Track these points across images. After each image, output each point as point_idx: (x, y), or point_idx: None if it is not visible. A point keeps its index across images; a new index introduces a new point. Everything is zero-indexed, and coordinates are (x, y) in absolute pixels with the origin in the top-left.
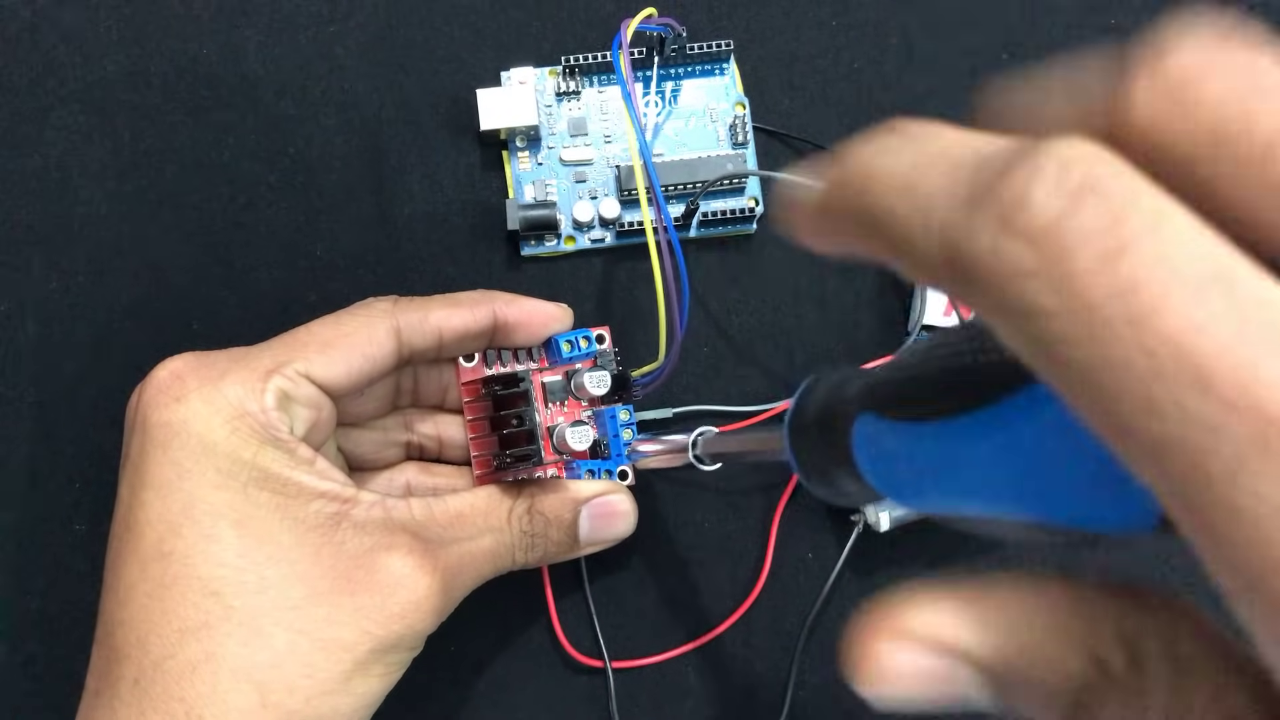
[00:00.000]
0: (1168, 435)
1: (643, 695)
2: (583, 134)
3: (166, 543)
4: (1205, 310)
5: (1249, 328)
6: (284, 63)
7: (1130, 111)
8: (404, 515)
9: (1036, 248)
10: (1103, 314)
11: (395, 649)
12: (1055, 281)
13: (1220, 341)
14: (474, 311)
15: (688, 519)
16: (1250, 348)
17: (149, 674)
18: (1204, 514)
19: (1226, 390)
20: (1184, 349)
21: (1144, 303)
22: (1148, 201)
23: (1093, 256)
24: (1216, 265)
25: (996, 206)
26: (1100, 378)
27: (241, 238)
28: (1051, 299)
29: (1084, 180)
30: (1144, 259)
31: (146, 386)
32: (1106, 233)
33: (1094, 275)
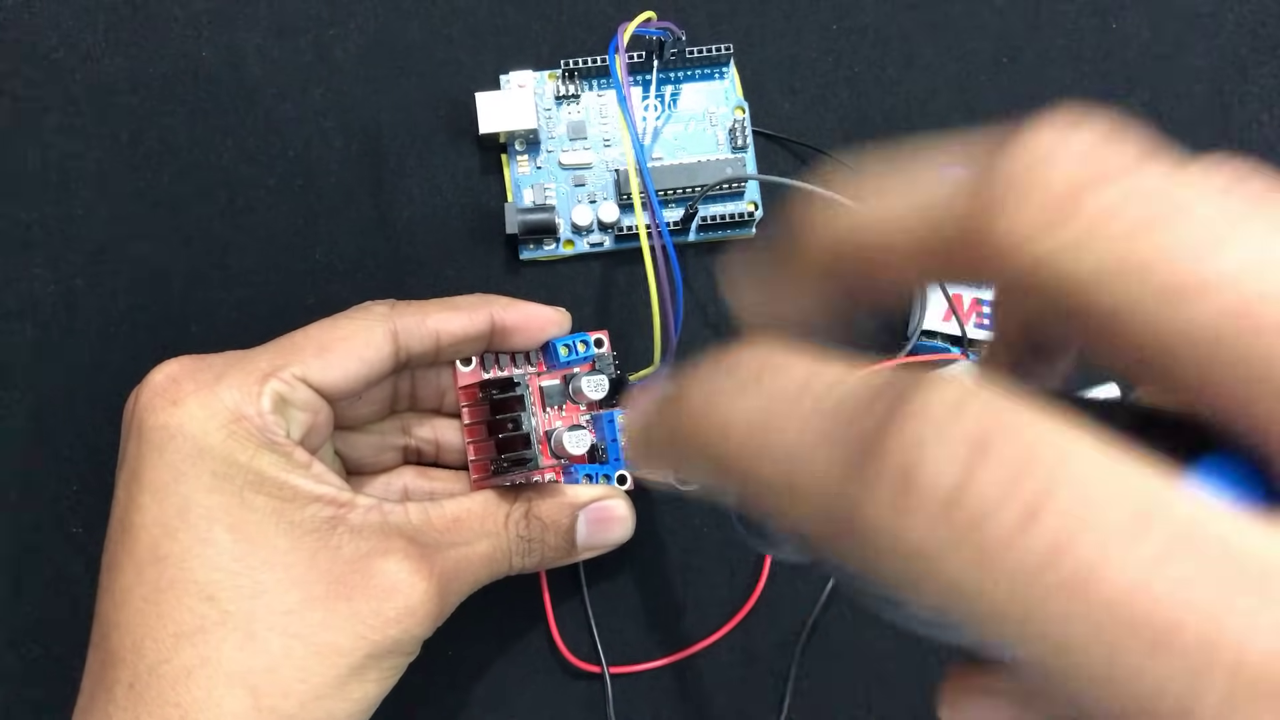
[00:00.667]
0: (1141, 695)
1: (640, 701)
2: (582, 138)
3: (162, 546)
4: (1142, 559)
5: (1192, 569)
6: (283, 65)
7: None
8: (400, 520)
9: (943, 524)
10: (1034, 589)
11: (391, 654)
12: (974, 560)
13: (1169, 592)
14: (472, 315)
15: (686, 523)
16: (1201, 591)
17: (144, 678)
18: None
19: (1189, 652)
20: (1135, 609)
21: (1075, 567)
22: (1047, 442)
23: (1007, 525)
24: (1136, 497)
25: (887, 478)
26: (1053, 659)
27: (240, 240)
28: (975, 578)
29: (973, 435)
30: (1062, 517)
31: (143, 390)
32: (1014, 494)
33: (1014, 546)
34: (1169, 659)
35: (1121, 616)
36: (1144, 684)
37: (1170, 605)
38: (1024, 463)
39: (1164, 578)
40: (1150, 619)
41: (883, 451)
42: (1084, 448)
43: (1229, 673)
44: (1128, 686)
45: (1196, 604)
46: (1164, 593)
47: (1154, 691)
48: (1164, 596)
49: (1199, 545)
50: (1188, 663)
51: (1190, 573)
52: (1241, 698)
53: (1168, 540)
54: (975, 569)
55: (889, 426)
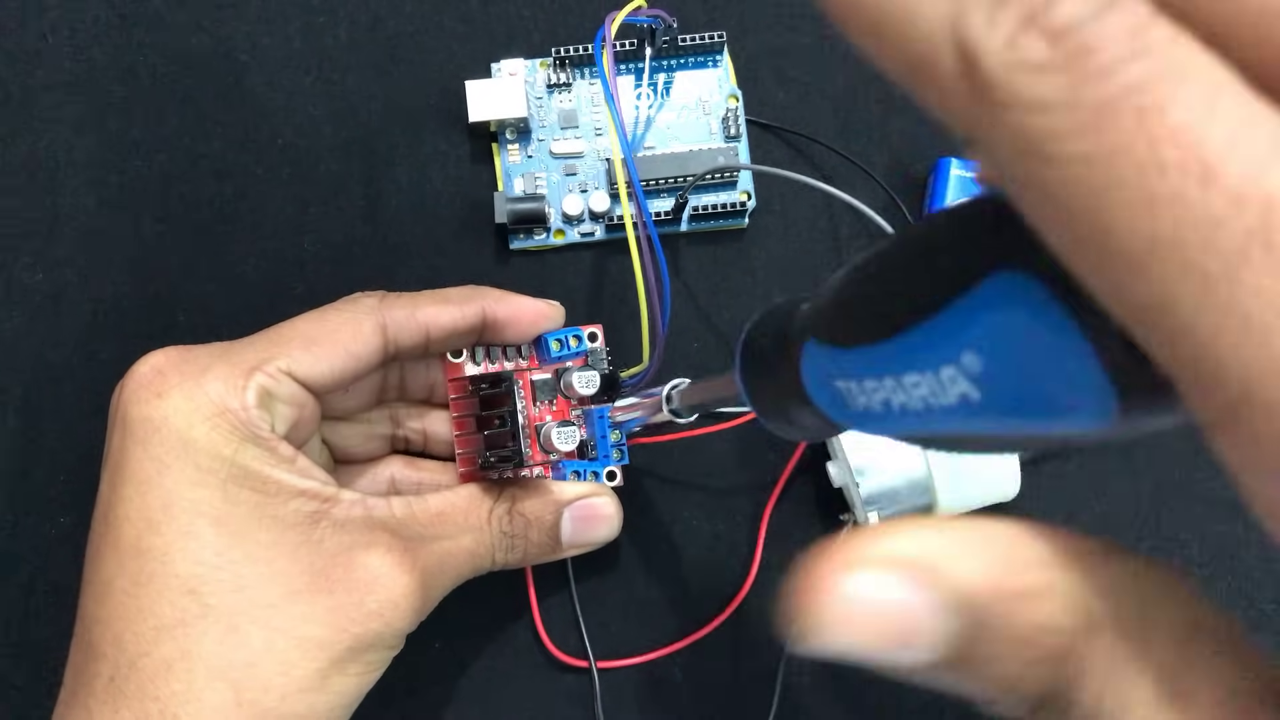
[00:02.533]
0: (1162, 233)
1: (628, 695)
2: (573, 126)
3: (144, 539)
4: (1214, 110)
5: (1256, 130)
6: (273, 53)
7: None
8: (384, 514)
9: (1056, 45)
10: (1111, 106)
11: (373, 647)
12: (1069, 77)
13: (1227, 136)
14: (463, 309)
15: (676, 517)
16: (1256, 144)
17: (124, 672)
18: (1189, 320)
19: (1233, 182)
20: (1191, 140)
21: (1157, 97)
22: (1165, 22)
23: (1110, 56)
24: (1230, 83)
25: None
26: (1096, 174)
27: (229, 230)
28: (1061, 93)
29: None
30: (1161, 63)
31: (128, 381)
32: (1129, 37)
33: (1112, 71)
34: (1209, 192)
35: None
36: (1180, 213)
37: (1226, 147)
38: (1145, 24)
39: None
40: (1202, 149)
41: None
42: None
43: (1259, 216)
44: (1160, 208)
45: (1252, 156)
46: (1224, 137)
47: (1185, 215)
48: (1223, 140)
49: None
50: (1225, 199)
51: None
52: (1261, 243)
53: (1242, 110)
54: (1072, 83)
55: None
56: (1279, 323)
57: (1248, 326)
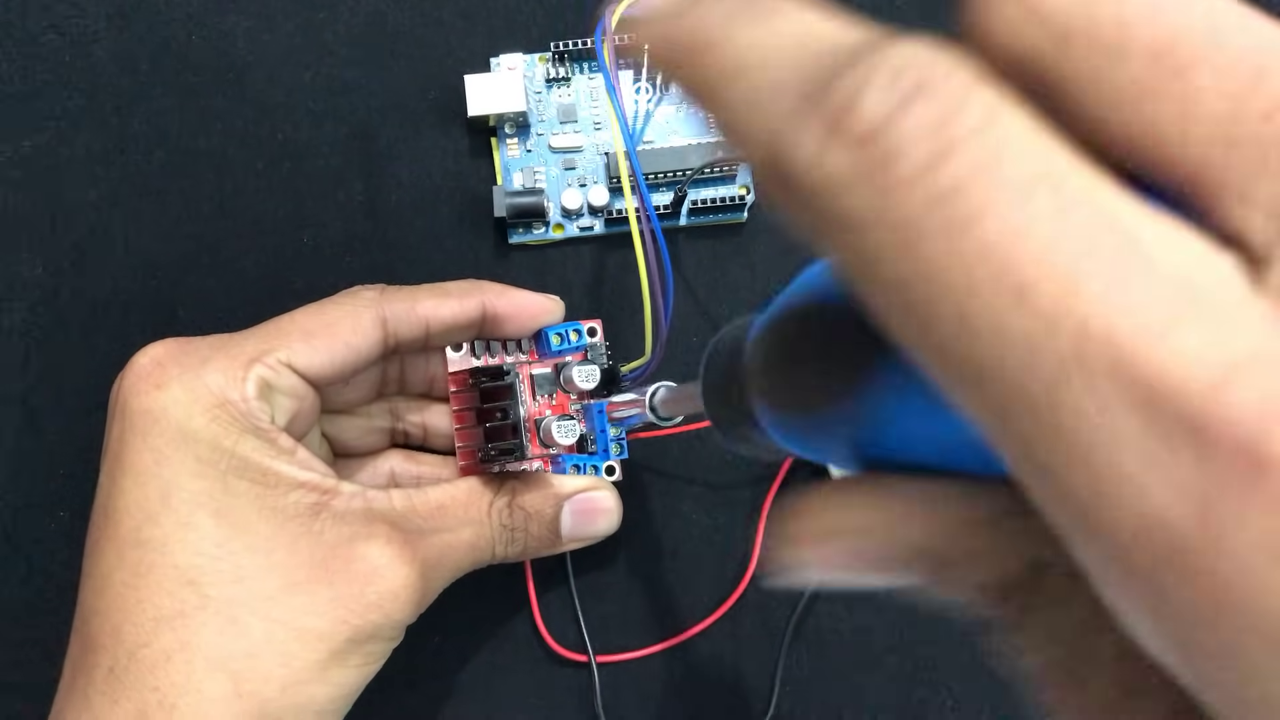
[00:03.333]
0: (984, 355)
1: (628, 689)
2: (572, 121)
3: (144, 530)
4: (1026, 215)
5: (1071, 234)
6: (273, 49)
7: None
8: (384, 506)
9: (859, 154)
10: (920, 224)
11: (373, 639)
12: (874, 191)
13: (1039, 248)
14: (462, 302)
15: (675, 511)
16: (1071, 256)
17: (123, 663)
18: (1025, 443)
19: (1044, 302)
20: (1000, 257)
21: (963, 209)
22: (980, 99)
23: (915, 163)
24: (1046, 166)
25: (825, 108)
26: (915, 295)
27: (228, 224)
28: (869, 210)
29: (917, 81)
30: (967, 162)
31: (128, 373)
32: (932, 136)
33: (914, 182)
34: (1022, 314)
35: (990, 261)
36: (995, 336)
37: (1037, 260)
38: (952, 111)
39: (1041, 236)
40: (1014, 266)
41: (829, 95)
42: (1016, 113)
43: (1073, 339)
44: (978, 331)
45: (1063, 268)
46: (1036, 249)
47: (1001, 338)
48: (1034, 252)
49: (1087, 218)
50: (1038, 321)
51: (1069, 242)
52: (1076, 366)
53: (1057, 207)
54: (873, 204)
55: (841, 74)
56: (1103, 451)
57: (1070, 450)
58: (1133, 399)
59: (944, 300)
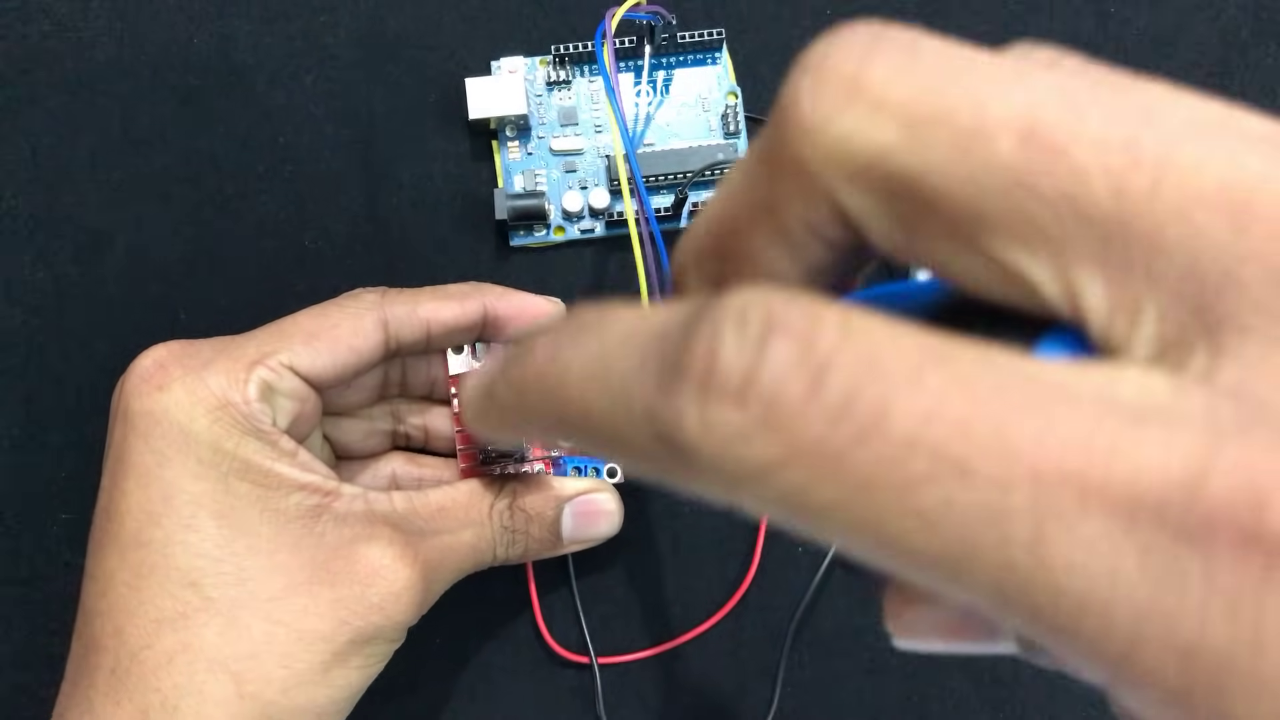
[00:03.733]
0: (952, 543)
1: (629, 690)
2: (573, 124)
3: (145, 532)
4: (928, 396)
5: (979, 399)
6: (274, 52)
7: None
8: (385, 507)
9: (742, 406)
10: (832, 444)
11: (374, 640)
12: (774, 432)
13: (957, 424)
14: (464, 305)
15: (676, 512)
16: (990, 420)
17: (125, 664)
18: (1035, 612)
19: (988, 468)
20: (926, 446)
21: (866, 416)
22: (830, 314)
23: (799, 393)
24: (921, 346)
25: (690, 378)
26: (859, 513)
27: (230, 227)
28: (777, 450)
29: (763, 322)
30: (848, 373)
31: (130, 375)
32: (802, 364)
33: (807, 410)
34: (972, 489)
35: (919, 455)
36: (956, 521)
37: (962, 436)
38: (809, 335)
39: (952, 412)
40: (946, 451)
41: (687, 360)
42: (865, 318)
43: (1030, 482)
44: (941, 527)
45: (990, 432)
46: (955, 425)
47: (966, 525)
48: (955, 428)
49: (986, 378)
50: (990, 489)
51: (982, 406)
52: (1045, 504)
53: (953, 379)
54: (778, 443)
55: (689, 337)
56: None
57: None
58: (1116, 528)
59: (889, 506)
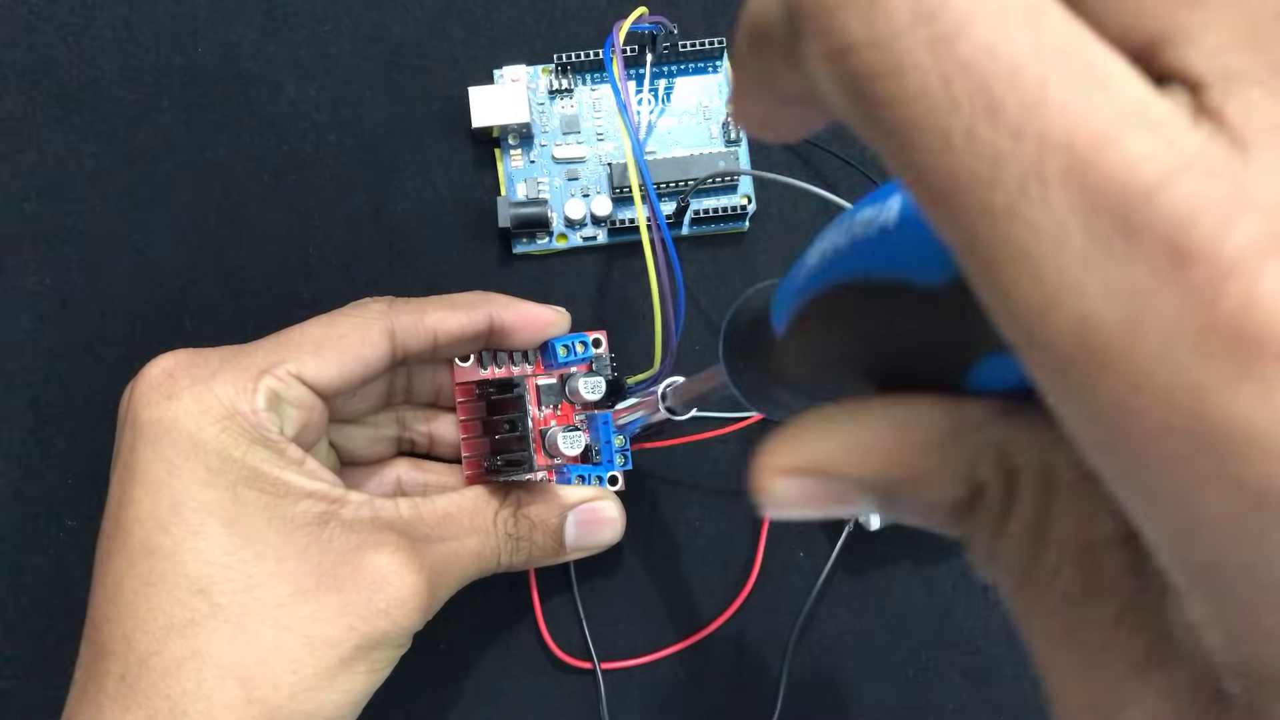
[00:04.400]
0: (958, 170)
1: (633, 696)
2: (575, 132)
3: (154, 539)
4: (1003, 34)
5: (1041, 56)
6: (278, 61)
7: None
8: (391, 514)
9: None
10: (905, 40)
11: (381, 646)
12: (861, 10)
13: (1012, 64)
14: (470, 314)
15: (678, 518)
16: (1038, 75)
17: (134, 670)
18: (986, 257)
19: (1012, 115)
20: (976, 75)
21: (946, 27)
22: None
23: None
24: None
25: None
26: (901, 112)
27: (235, 235)
28: (860, 29)
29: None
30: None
31: (138, 383)
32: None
33: (900, 4)
34: (992, 128)
35: (967, 76)
36: (968, 150)
37: (1009, 75)
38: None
39: (1014, 53)
40: (989, 81)
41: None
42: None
43: (1035, 149)
44: (954, 145)
45: (1032, 83)
46: (1010, 65)
47: (974, 152)
48: (1008, 68)
49: (1060, 41)
50: (1006, 134)
51: (1042, 60)
52: (1035, 176)
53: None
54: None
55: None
56: (1050, 259)
57: (1025, 263)
58: (1080, 204)
59: (926, 117)
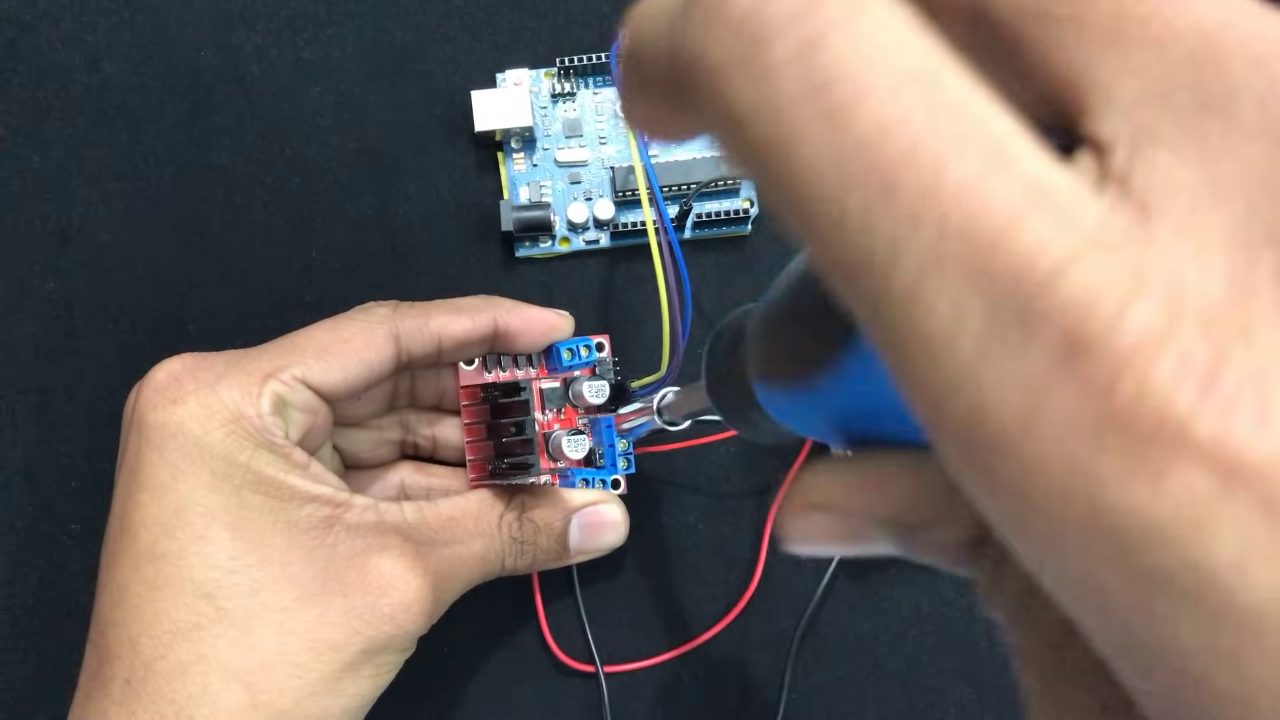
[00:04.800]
0: (856, 251)
1: (635, 699)
2: (578, 135)
3: (160, 544)
4: (900, 108)
5: (941, 129)
6: (281, 65)
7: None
8: (396, 518)
9: (736, 37)
10: (797, 113)
11: (386, 650)
12: (753, 77)
13: (909, 143)
14: (475, 319)
15: (680, 521)
16: (937, 150)
17: (140, 674)
18: (887, 337)
19: (909, 199)
20: (870, 154)
21: (839, 99)
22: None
23: (788, 47)
24: (919, 63)
25: (700, 6)
26: (795, 188)
27: (238, 239)
28: (750, 97)
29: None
30: (840, 51)
31: (143, 387)
32: (802, 20)
33: (788, 69)
34: (889, 210)
35: (861, 154)
36: (865, 233)
37: (906, 154)
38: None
39: (911, 131)
40: (884, 160)
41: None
42: (887, 5)
43: (932, 234)
44: (851, 226)
45: (930, 162)
46: (906, 143)
47: (870, 233)
48: (904, 146)
49: (957, 109)
50: (903, 217)
51: (939, 137)
52: (934, 262)
53: (930, 104)
54: (753, 90)
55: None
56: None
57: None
58: (978, 293)
59: (821, 193)
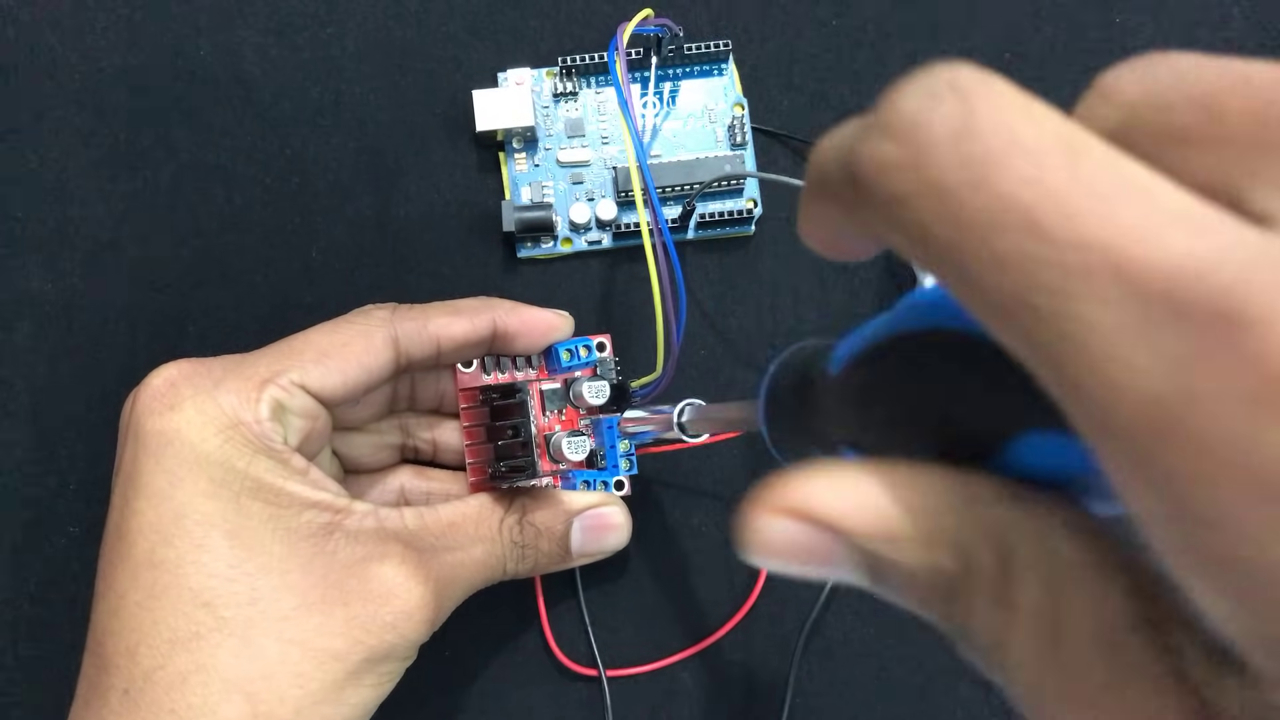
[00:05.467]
0: (1010, 284)
1: (639, 703)
2: (580, 135)
3: (158, 552)
4: (1039, 167)
5: (1078, 178)
6: (281, 64)
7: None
8: (396, 525)
9: (900, 142)
10: (950, 186)
11: (387, 658)
12: (914, 168)
13: (1050, 190)
14: (474, 320)
15: (684, 523)
16: (1072, 194)
17: (139, 684)
18: (1045, 353)
19: (1054, 230)
20: (1016, 202)
21: (985, 169)
22: (1000, 88)
23: (944, 139)
24: (1061, 135)
25: (876, 118)
26: (952, 249)
27: (237, 239)
28: (911, 183)
29: (948, 82)
30: (988, 132)
31: (141, 393)
32: (958, 118)
33: (944, 154)
34: (1036, 242)
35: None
36: (1017, 266)
37: (1048, 198)
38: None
39: (1052, 181)
40: (1027, 205)
41: (882, 103)
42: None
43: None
44: (1003, 264)
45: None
46: (1048, 190)
47: (1023, 271)
48: (1046, 192)
49: (1095, 166)
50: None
51: (1077, 185)
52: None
53: (1069, 161)
54: (913, 178)
55: (895, 89)
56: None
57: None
58: (1127, 293)
59: (973, 244)
